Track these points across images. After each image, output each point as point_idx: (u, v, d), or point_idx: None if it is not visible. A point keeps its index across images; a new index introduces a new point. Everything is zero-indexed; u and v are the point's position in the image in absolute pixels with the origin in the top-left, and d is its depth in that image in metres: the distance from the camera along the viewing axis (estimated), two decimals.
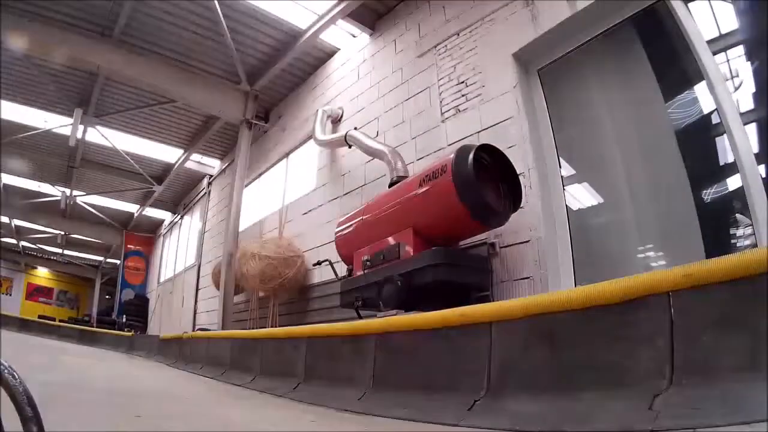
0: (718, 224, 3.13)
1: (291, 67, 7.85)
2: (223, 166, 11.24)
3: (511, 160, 3.61)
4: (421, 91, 5.33)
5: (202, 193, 12.42)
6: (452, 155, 3.44)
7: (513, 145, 4.00)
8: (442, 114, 4.93)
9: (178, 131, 10.40)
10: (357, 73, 6.73)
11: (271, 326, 6.45)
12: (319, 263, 5.47)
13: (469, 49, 4.81)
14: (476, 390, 2.18)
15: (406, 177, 4.38)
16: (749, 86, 3.14)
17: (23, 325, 11.84)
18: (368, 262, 4.06)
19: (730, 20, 3.27)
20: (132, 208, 15.55)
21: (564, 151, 4.10)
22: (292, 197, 7.70)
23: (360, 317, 4.14)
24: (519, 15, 4.33)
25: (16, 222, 16.98)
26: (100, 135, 10.21)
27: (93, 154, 11.66)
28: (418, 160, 5.07)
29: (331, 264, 5.05)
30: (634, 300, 1.74)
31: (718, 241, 3.07)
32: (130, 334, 9.92)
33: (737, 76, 3.16)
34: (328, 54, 7.57)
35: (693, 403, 1.45)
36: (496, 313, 2.24)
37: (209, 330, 7.12)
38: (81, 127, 9.55)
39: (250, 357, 4.29)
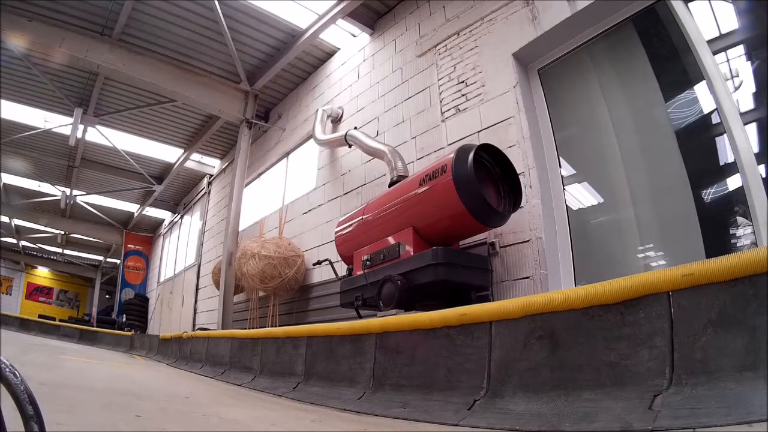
0: (718, 224, 3.12)
1: (291, 66, 7.86)
2: (223, 166, 11.25)
3: (511, 160, 3.61)
4: (421, 91, 5.33)
5: (202, 193, 12.43)
6: (452, 155, 3.44)
7: (513, 144, 4.01)
8: (442, 113, 4.93)
9: (178, 131, 10.40)
10: (357, 72, 6.73)
11: (271, 326, 6.46)
12: (319, 263, 5.47)
13: (469, 49, 4.81)
14: (476, 390, 2.19)
15: (406, 177, 4.38)
16: (749, 86, 3.14)
17: (23, 324, 11.83)
18: (368, 262, 4.06)
19: (730, 20, 3.27)
20: (132, 207, 15.55)
21: (564, 151, 4.10)
22: (292, 197, 7.71)
23: (360, 317, 4.15)
24: (519, 15, 4.33)
25: (16, 222, 16.97)
26: (100, 135, 10.21)
27: (93, 153, 11.66)
28: (418, 159, 5.07)
29: (331, 264, 5.05)
30: (634, 300, 1.74)
31: (718, 241, 3.07)
32: (130, 333, 9.92)
33: (737, 76, 3.17)
34: (327, 54, 7.58)
35: (693, 403, 1.45)
36: (496, 312, 2.24)
37: (209, 329, 7.11)
38: (81, 127, 9.53)
39: (250, 357, 4.30)
